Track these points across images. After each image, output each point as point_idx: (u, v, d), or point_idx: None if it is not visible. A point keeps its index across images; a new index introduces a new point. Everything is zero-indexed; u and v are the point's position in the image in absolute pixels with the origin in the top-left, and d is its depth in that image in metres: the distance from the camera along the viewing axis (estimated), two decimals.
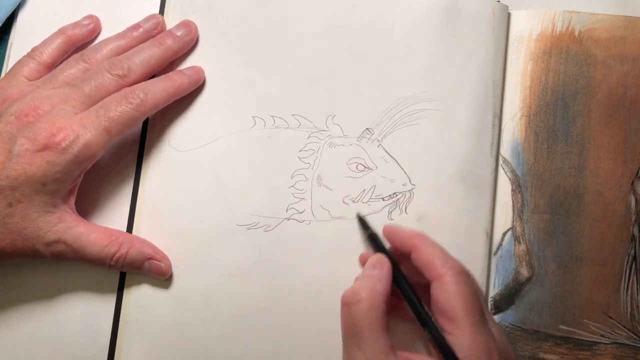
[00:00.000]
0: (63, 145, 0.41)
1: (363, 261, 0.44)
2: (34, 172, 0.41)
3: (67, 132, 0.41)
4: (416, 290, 0.40)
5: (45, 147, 0.41)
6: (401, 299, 0.40)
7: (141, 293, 0.46)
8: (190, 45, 0.48)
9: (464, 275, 0.38)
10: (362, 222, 0.45)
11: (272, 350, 0.45)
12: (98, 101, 0.44)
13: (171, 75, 0.47)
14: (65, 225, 0.42)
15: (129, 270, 0.45)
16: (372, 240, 0.43)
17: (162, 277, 0.45)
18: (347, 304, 0.38)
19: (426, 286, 0.39)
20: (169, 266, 0.45)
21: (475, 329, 0.36)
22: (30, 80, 0.46)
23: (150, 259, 0.45)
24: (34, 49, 0.47)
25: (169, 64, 0.48)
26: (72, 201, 0.44)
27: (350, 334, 0.38)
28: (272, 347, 0.45)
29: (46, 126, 0.41)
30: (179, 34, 0.48)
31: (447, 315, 0.37)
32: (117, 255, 0.44)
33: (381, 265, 0.40)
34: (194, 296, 0.46)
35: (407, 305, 0.39)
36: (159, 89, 0.45)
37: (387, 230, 0.43)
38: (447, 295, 0.37)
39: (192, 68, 0.48)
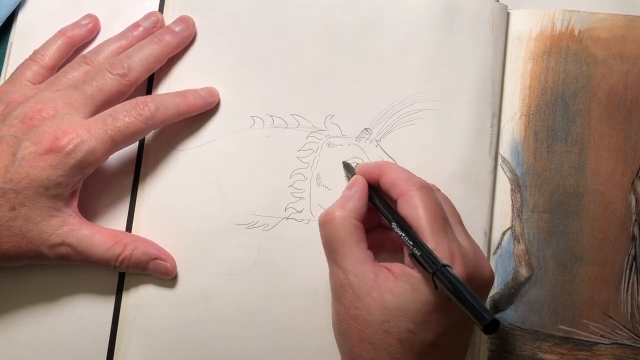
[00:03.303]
0: (67, 149, 0.41)
1: None
2: (37, 176, 0.41)
3: (72, 136, 0.41)
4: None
5: (49, 151, 0.41)
6: (387, 230, 0.43)
7: (140, 292, 0.46)
8: (188, 41, 0.48)
9: (427, 189, 0.40)
10: (347, 166, 0.47)
11: (271, 349, 0.45)
12: (101, 102, 0.44)
13: (186, 93, 0.46)
14: (69, 228, 0.42)
15: (134, 271, 0.45)
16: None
17: (167, 277, 0.45)
18: (322, 223, 0.41)
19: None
20: (174, 265, 0.46)
21: (437, 236, 0.38)
22: (33, 84, 0.46)
23: (155, 259, 0.45)
24: (35, 52, 0.47)
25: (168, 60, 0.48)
26: (75, 203, 0.44)
27: (327, 250, 0.41)
28: (271, 345, 0.45)
29: (51, 130, 0.41)
30: (177, 29, 0.48)
31: (411, 226, 0.39)
32: (122, 257, 0.44)
33: (355, 184, 0.43)
34: (193, 295, 0.46)
35: (383, 220, 0.42)
36: (171, 105, 0.45)
37: (359, 168, 0.45)
38: (410, 207, 0.39)
39: (208, 90, 0.47)
